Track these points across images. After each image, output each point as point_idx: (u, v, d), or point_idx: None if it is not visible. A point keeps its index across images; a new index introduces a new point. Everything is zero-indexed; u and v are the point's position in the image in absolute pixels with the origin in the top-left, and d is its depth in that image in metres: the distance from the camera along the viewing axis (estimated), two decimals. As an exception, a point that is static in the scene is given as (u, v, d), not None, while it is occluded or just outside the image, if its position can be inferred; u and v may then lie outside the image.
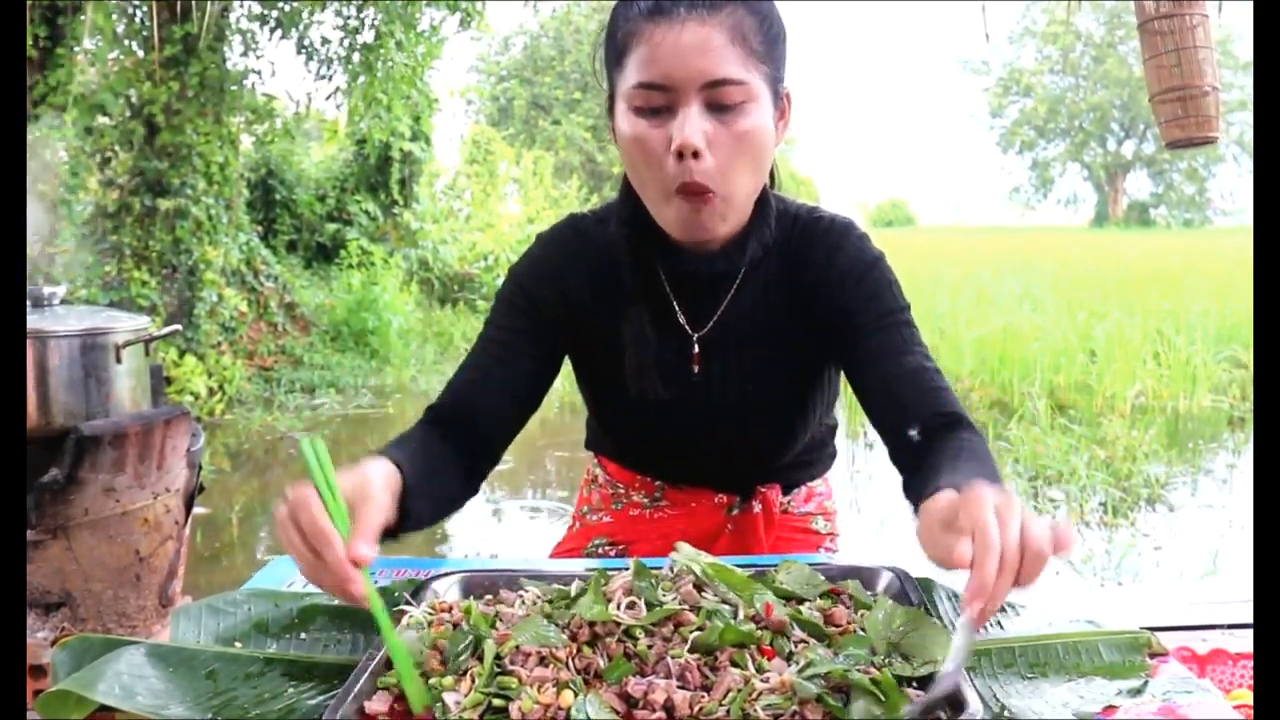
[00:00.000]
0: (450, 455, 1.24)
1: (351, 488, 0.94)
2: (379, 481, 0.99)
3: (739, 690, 0.83)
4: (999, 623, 1.05)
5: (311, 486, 0.91)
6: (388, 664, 0.91)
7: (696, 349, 1.35)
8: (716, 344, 1.35)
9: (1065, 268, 15.56)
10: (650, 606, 0.97)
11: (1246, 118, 45.08)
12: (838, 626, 0.97)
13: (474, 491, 1.30)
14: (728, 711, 0.81)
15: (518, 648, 0.90)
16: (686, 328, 1.35)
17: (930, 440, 1.17)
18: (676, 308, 1.35)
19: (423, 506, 1.11)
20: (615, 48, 1.22)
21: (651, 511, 1.54)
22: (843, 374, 1.45)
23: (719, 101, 1.16)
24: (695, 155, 1.15)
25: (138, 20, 7.18)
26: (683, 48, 1.14)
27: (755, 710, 0.81)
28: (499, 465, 1.36)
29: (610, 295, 1.35)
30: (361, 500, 0.94)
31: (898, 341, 1.26)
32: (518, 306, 1.36)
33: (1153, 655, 0.97)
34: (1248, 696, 1.06)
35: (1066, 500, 5.06)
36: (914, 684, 0.87)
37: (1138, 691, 0.90)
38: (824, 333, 1.32)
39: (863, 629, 0.95)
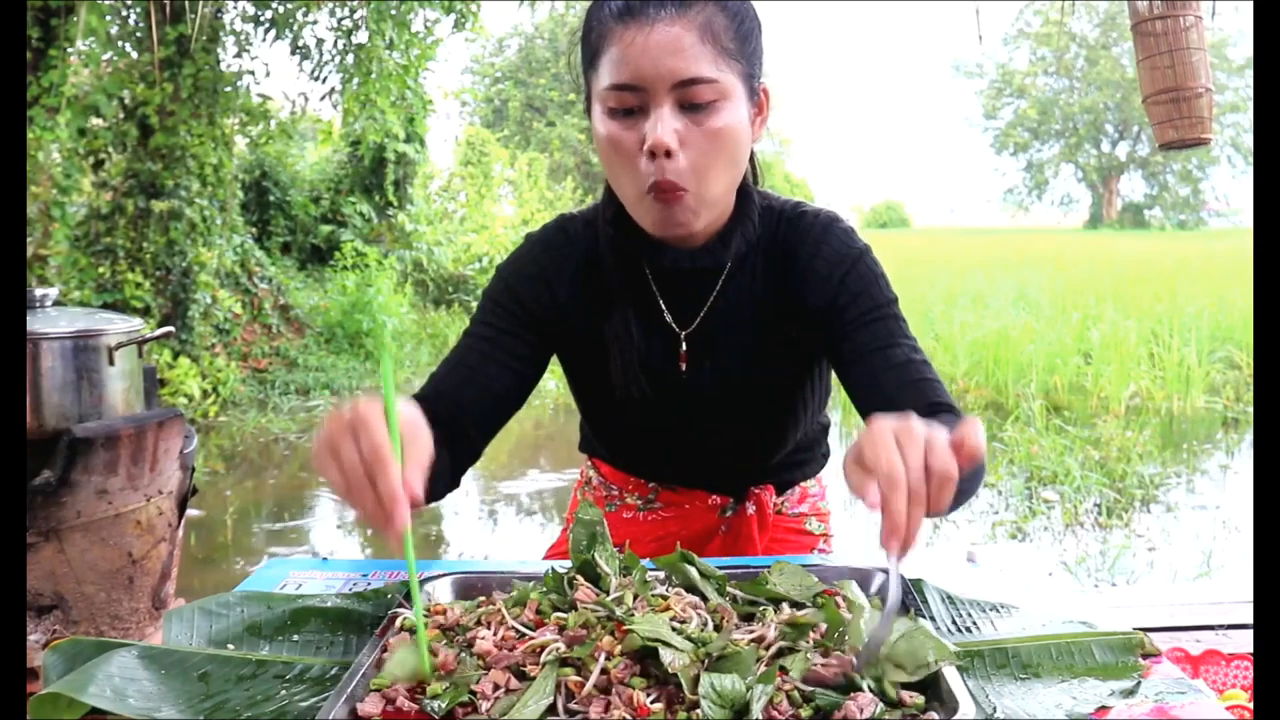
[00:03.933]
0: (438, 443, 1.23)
1: (404, 421, 0.91)
2: (425, 424, 0.96)
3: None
4: (992, 624, 1.05)
5: (378, 405, 0.88)
6: (379, 666, 0.91)
7: (684, 346, 1.35)
8: (703, 341, 1.35)
9: (1060, 269, 15.59)
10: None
11: (1240, 119, 45.24)
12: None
13: (455, 485, 1.30)
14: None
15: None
16: (673, 325, 1.35)
17: None
18: (662, 305, 1.35)
19: (436, 475, 1.06)
20: (589, 49, 1.23)
21: (645, 513, 1.54)
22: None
23: (691, 101, 1.16)
24: (668, 154, 1.15)
25: (131, 22, 7.17)
26: (653, 48, 1.14)
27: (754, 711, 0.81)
28: (493, 465, 1.36)
29: (597, 295, 1.35)
30: (413, 436, 0.91)
31: (884, 335, 1.27)
32: (504, 305, 1.36)
33: (1146, 656, 0.97)
34: (1241, 697, 1.06)
35: (1061, 501, 5.07)
36: (909, 689, 0.86)
37: (1131, 692, 0.90)
38: (812, 327, 1.32)
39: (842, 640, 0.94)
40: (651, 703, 0.82)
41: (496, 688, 0.86)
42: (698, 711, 0.80)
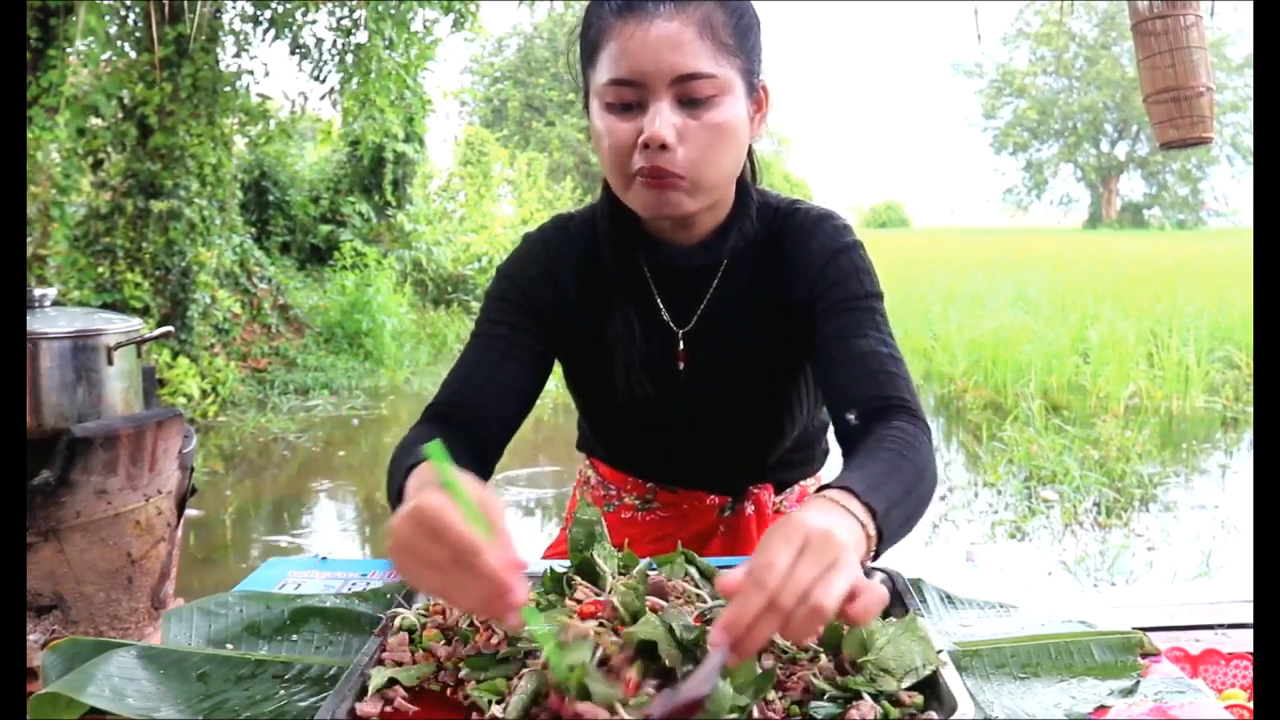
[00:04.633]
0: (461, 456, 1.22)
1: (471, 491, 0.82)
2: (484, 485, 0.88)
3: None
4: (992, 623, 1.05)
5: (442, 495, 0.80)
6: (379, 664, 0.91)
7: (681, 345, 1.35)
8: (700, 339, 1.35)
9: (1059, 269, 15.59)
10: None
11: (1240, 119, 45.24)
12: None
13: None
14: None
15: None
16: (671, 324, 1.35)
17: (866, 426, 1.16)
18: (660, 304, 1.35)
19: None
20: (588, 45, 1.22)
21: (643, 514, 1.54)
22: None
23: (690, 96, 1.16)
24: (664, 148, 1.15)
25: (130, 22, 7.16)
26: (652, 43, 1.14)
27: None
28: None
29: (596, 294, 1.35)
30: (486, 505, 0.82)
31: (852, 325, 1.24)
32: (511, 302, 1.35)
33: (1145, 655, 0.97)
34: (1240, 697, 1.06)
35: (1060, 500, 5.07)
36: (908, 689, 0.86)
37: (1130, 692, 0.90)
38: (801, 322, 1.31)
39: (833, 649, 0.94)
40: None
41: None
42: None
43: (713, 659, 0.78)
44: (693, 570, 1.09)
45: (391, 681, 0.87)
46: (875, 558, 0.97)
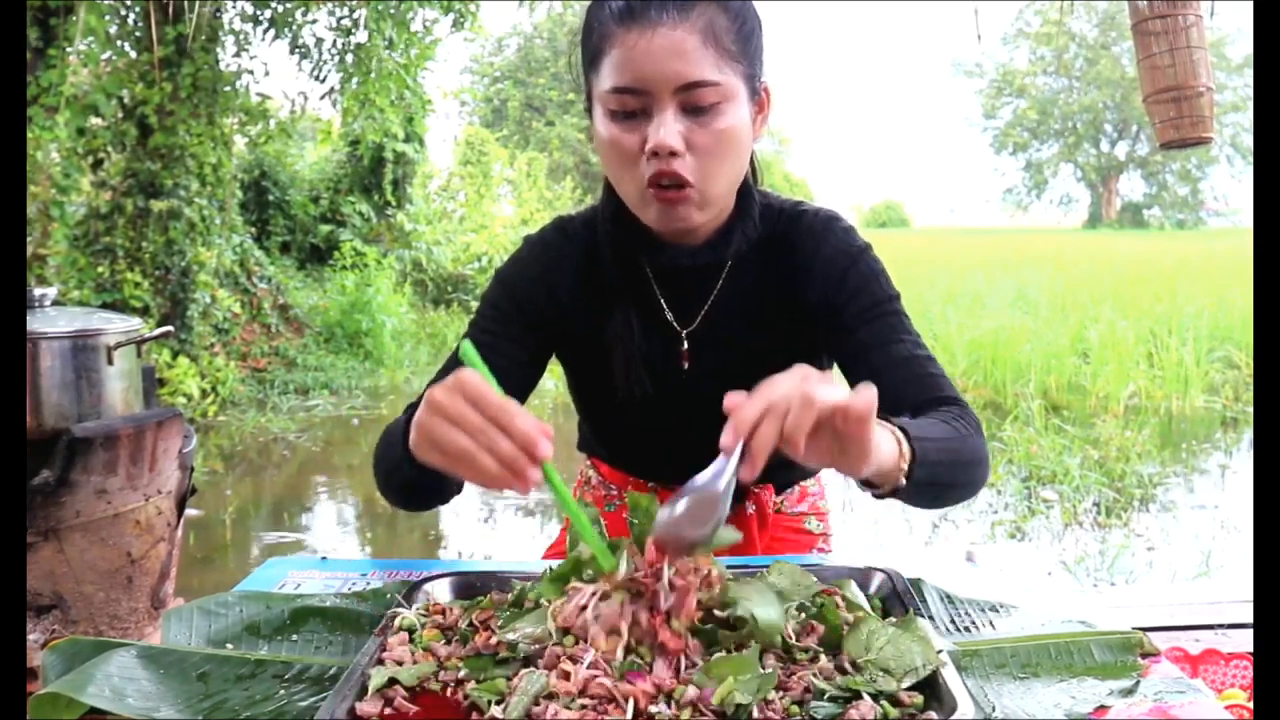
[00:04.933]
0: None
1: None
2: None
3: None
4: (991, 623, 1.05)
5: (476, 372, 0.92)
6: (379, 664, 0.91)
7: (685, 345, 1.35)
8: (704, 340, 1.35)
9: (1059, 269, 15.58)
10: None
11: (1239, 119, 45.26)
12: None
13: (459, 490, 1.29)
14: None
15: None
16: (674, 324, 1.35)
17: None
18: (663, 304, 1.35)
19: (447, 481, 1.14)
20: (589, 50, 1.22)
21: (644, 513, 1.54)
22: (835, 370, 1.44)
23: (694, 104, 1.16)
24: (672, 154, 1.15)
25: (130, 21, 7.16)
26: (655, 52, 1.14)
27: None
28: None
29: (597, 295, 1.35)
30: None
31: (886, 332, 1.27)
32: (501, 310, 1.36)
33: (1145, 655, 0.97)
34: (1240, 696, 1.06)
35: (1060, 500, 5.07)
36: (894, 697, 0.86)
37: (1129, 692, 0.90)
38: (811, 326, 1.32)
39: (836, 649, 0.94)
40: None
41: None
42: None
43: (729, 461, 0.90)
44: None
45: (391, 681, 0.87)
46: (911, 479, 1.04)
